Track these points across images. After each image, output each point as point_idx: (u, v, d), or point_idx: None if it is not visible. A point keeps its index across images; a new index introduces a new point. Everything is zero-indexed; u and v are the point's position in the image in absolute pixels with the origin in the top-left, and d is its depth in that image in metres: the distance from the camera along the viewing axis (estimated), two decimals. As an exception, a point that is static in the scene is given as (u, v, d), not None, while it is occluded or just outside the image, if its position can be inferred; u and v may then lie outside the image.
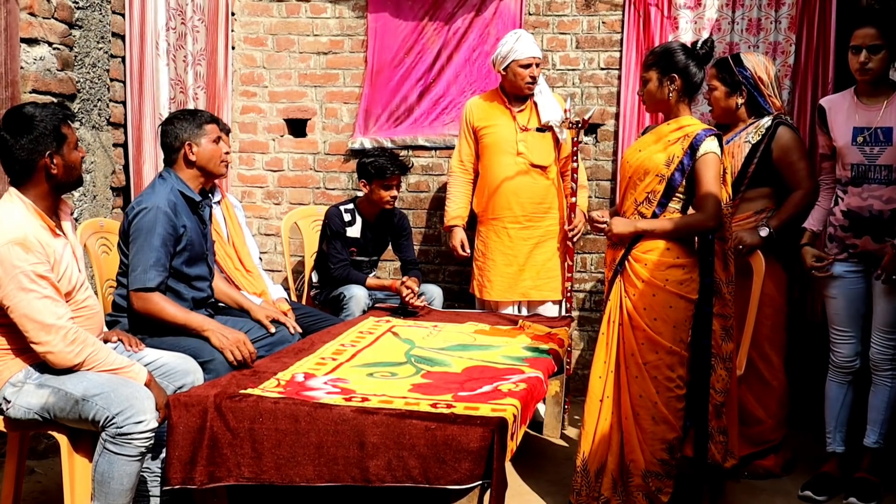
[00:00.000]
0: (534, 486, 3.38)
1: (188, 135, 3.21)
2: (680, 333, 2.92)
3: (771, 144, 3.54)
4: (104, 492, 2.51)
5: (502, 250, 4.13)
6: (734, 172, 3.56)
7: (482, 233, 4.22)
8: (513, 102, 4.15)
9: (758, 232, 3.52)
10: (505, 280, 4.13)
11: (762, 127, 3.57)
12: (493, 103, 4.19)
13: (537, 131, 4.08)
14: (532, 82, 4.06)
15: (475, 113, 4.20)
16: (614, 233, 3.03)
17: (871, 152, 3.26)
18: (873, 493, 3.27)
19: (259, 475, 2.46)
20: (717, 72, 3.60)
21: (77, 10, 3.77)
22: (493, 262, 4.15)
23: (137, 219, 3.05)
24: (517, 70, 4.04)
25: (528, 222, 4.10)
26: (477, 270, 4.23)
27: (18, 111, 2.59)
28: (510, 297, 4.14)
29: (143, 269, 3.01)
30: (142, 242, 3.02)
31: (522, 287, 4.13)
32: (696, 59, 3.01)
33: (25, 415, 2.57)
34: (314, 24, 4.91)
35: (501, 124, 4.13)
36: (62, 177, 2.62)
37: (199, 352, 2.97)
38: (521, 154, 4.09)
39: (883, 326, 3.28)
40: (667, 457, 2.90)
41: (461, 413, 2.44)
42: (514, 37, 4.06)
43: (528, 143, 4.09)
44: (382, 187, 4.17)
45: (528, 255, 4.11)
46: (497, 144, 4.12)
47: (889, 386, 3.32)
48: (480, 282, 4.20)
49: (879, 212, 3.25)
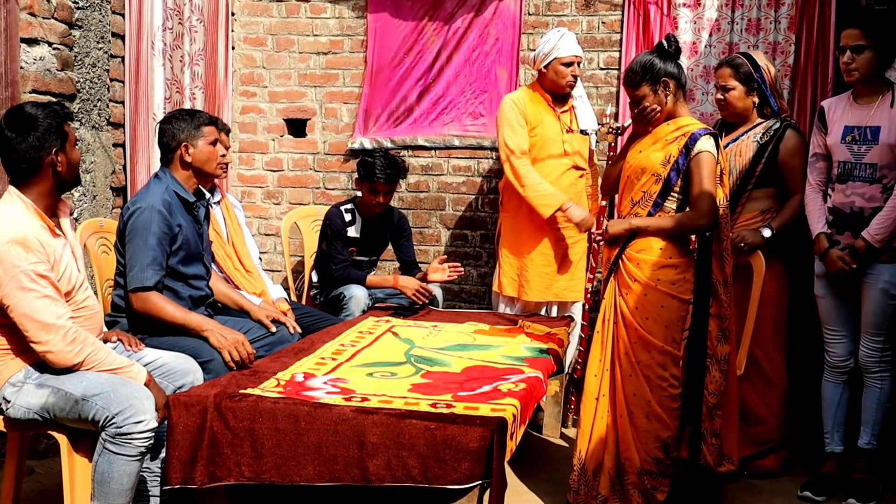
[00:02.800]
0: (533, 486, 3.39)
1: (185, 135, 3.20)
2: (672, 333, 2.92)
3: (778, 146, 3.54)
4: (104, 492, 2.51)
5: (542, 251, 4.09)
6: (742, 170, 3.57)
7: (517, 230, 4.13)
8: (556, 102, 4.11)
9: (760, 232, 3.53)
10: (542, 281, 4.10)
11: (771, 128, 3.58)
12: (537, 101, 4.10)
13: (581, 133, 4.08)
14: (573, 80, 4.04)
15: (527, 106, 4.05)
16: (609, 233, 3.05)
17: (859, 150, 3.28)
18: (872, 493, 3.28)
19: (259, 475, 2.46)
20: (734, 71, 3.57)
21: (77, 10, 3.77)
22: (533, 262, 4.10)
23: (132, 218, 3.05)
24: (559, 68, 4.00)
25: (566, 223, 4.06)
26: (510, 269, 4.14)
27: (20, 111, 2.59)
28: (546, 297, 4.13)
29: (140, 268, 3.00)
30: (138, 242, 3.02)
31: (556, 288, 4.12)
32: (672, 57, 3.03)
33: (25, 415, 2.57)
34: (314, 24, 4.91)
35: (548, 123, 4.07)
36: (66, 174, 2.63)
37: (198, 352, 2.97)
38: (567, 154, 4.07)
39: (869, 329, 3.30)
40: (661, 455, 2.90)
41: (461, 413, 2.44)
42: (558, 34, 4.00)
43: (573, 144, 4.08)
44: (369, 191, 4.16)
45: (563, 257, 4.11)
46: (544, 143, 4.06)
47: (879, 388, 3.33)
48: (517, 281, 4.13)
49: (861, 209, 3.27)
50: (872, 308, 3.28)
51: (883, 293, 3.25)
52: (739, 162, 3.58)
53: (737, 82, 3.57)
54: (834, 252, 3.32)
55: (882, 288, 3.24)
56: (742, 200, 3.60)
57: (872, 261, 3.24)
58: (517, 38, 4.64)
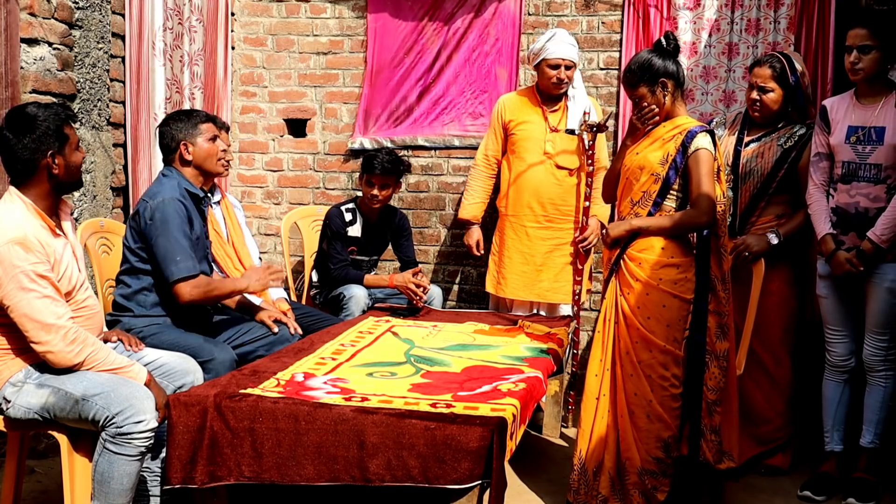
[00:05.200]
0: (533, 486, 3.39)
1: (184, 135, 3.23)
2: (674, 333, 2.92)
3: (802, 153, 3.53)
4: (104, 491, 2.51)
5: (520, 249, 4.12)
6: (764, 174, 3.55)
7: (501, 229, 4.21)
8: (546, 102, 4.13)
9: (767, 238, 3.52)
10: (520, 279, 4.12)
11: (796, 133, 3.57)
12: (526, 101, 4.16)
13: (567, 133, 4.07)
14: (559, 83, 4.02)
15: (508, 108, 4.17)
16: (611, 236, 3.04)
17: (863, 151, 3.28)
18: (872, 493, 3.28)
19: (259, 474, 2.46)
20: (774, 73, 3.53)
21: (77, 10, 3.77)
22: (510, 260, 4.13)
23: (157, 211, 3.07)
24: (545, 69, 4.02)
25: (547, 223, 4.09)
26: (493, 266, 4.21)
27: (21, 111, 2.59)
28: (525, 296, 4.13)
29: (183, 257, 3.05)
30: (169, 233, 3.04)
31: (539, 288, 4.11)
32: (671, 55, 3.02)
33: (25, 414, 2.58)
34: (314, 25, 4.91)
35: (532, 122, 4.10)
36: (63, 177, 2.62)
37: (198, 351, 2.97)
38: (547, 154, 4.07)
39: (874, 328, 3.29)
40: (662, 455, 2.90)
41: (461, 413, 2.44)
42: (548, 36, 4.01)
43: (556, 144, 4.08)
44: (366, 183, 4.18)
45: (545, 257, 4.10)
46: (525, 142, 4.09)
47: (883, 386, 3.33)
48: (496, 278, 4.18)
49: (865, 209, 3.27)
50: (877, 307, 3.27)
51: (888, 292, 3.24)
52: (761, 164, 3.57)
53: (776, 84, 3.54)
54: (841, 254, 3.30)
55: (887, 287, 3.24)
56: (761, 205, 3.59)
57: (878, 261, 3.24)
58: (517, 38, 4.64)
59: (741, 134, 3.66)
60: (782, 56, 3.61)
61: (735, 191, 3.61)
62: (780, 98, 3.56)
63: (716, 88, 4.36)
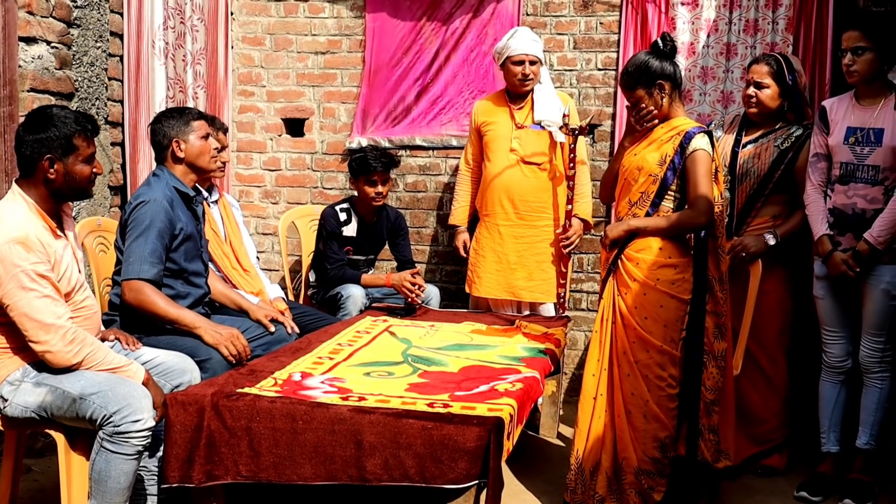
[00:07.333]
0: (530, 486, 3.39)
1: (175, 132, 3.22)
2: (671, 333, 2.93)
3: (798, 153, 3.54)
4: (101, 490, 2.51)
5: (493, 247, 4.14)
6: (760, 175, 3.56)
7: (478, 229, 4.24)
8: (513, 100, 4.16)
9: (764, 239, 3.53)
10: (493, 277, 4.13)
11: (793, 135, 3.58)
12: (496, 102, 4.21)
13: (532, 128, 4.08)
14: (524, 79, 4.04)
15: (479, 111, 4.22)
16: (609, 238, 3.05)
17: (861, 152, 3.28)
18: (868, 494, 3.29)
19: (256, 474, 2.47)
20: (771, 70, 3.56)
21: (75, 8, 3.77)
22: (484, 259, 4.16)
23: (136, 212, 3.05)
24: (510, 66, 4.04)
25: (519, 220, 4.09)
26: (469, 266, 4.25)
27: (43, 110, 2.63)
28: (498, 294, 4.14)
29: (138, 259, 2.99)
30: (138, 234, 3.02)
31: (513, 287, 4.12)
32: (668, 56, 3.03)
33: (22, 413, 2.58)
34: (312, 24, 4.91)
35: (500, 122, 4.14)
36: (59, 184, 2.61)
37: (195, 351, 2.97)
38: (513, 150, 4.08)
39: (871, 329, 3.30)
40: (659, 455, 2.91)
41: (458, 413, 2.44)
42: (510, 33, 4.07)
43: (522, 139, 4.08)
44: (367, 183, 4.18)
45: (519, 255, 4.10)
46: (494, 142, 4.13)
47: (879, 387, 3.34)
48: (471, 277, 4.22)
49: (863, 210, 3.27)
50: (874, 308, 3.28)
51: (884, 294, 3.25)
52: (758, 165, 3.58)
53: (772, 81, 3.56)
54: (838, 255, 3.30)
55: (884, 289, 3.25)
56: (757, 205, 3.60)
57: (874, 262, 3.24)
58: (515, 38, 4.64)
59: (739, 135, 3.68)
60: (780, 56, 3.63)
61: (732, 191, 3.62)
62: (777, 95, 3.57)
63: (714, 89, 4.36)
